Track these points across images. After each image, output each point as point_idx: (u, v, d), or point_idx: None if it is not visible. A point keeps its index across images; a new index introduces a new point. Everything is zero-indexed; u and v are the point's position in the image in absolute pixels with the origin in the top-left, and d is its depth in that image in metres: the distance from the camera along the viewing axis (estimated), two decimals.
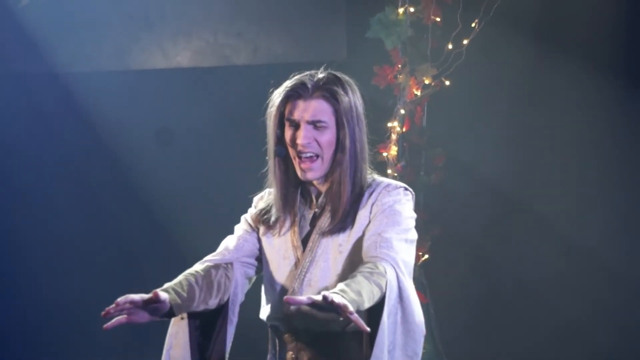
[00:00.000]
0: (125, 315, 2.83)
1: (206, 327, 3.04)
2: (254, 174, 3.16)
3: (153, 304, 2.83)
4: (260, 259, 3.12)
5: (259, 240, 3.12)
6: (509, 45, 5.40)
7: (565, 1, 5.43)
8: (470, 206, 5.21)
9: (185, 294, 2.95)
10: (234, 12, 5.87)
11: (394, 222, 2.93)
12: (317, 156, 2.93)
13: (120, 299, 2.78)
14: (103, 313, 2.81)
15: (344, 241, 2.94)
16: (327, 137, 2.93)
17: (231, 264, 3.10)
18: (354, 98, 2.96)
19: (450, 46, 5.34)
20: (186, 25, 5.90)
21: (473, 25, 5.29)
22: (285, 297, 2.55)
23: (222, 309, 3.04)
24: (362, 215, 2.98)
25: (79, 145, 5.97)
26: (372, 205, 2.97)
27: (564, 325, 5.54)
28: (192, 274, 2.99)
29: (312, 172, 2.94)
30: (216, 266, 3.08)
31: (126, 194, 5.91)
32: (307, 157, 2.92)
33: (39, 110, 5.90)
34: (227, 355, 3.08)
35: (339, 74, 2.97)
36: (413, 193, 2.97)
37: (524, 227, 5.34)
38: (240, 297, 3.11)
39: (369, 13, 5.41)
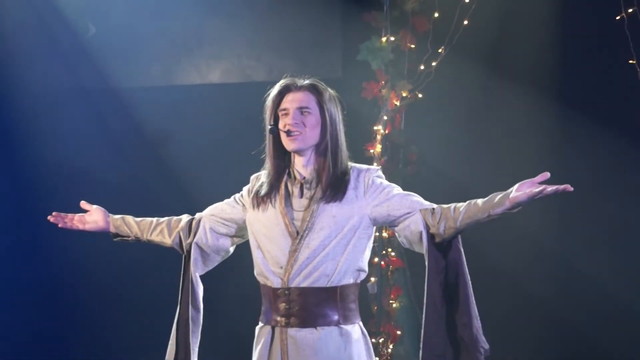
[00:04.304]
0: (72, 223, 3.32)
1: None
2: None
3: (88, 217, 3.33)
4: (236, 223, 3.28)
5: (244, 211, 3.26)
6: (468, 66, 5.56)
7: (513, 35, 5.57)
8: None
9: (134, 222, 3.36)
10: (255, 40, 6.02)
11: (399, 189, 3.16)
12: (301, 133, 3.13)
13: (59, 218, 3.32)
14: (52, 218, 3.33)
15: (338, 213, 3.11)
16: (311, 120, 3.13)
17: (198, 219, 3.36)
18: (332, 95, 3.19)
19: (422, 67, 5.58)
20: (217, 49, 6.04)
21: (440, 50, 5.54)
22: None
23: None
24: (356, 195, 3.14)
25: (129, 149, 6.07)
26: (367, 188, 3.14)
27: (528, 302, 5.61)
28: (152, 218, 3.38)
29: (297, 142, 3.12)
30: (178, 218, 3.39)
31: (171, 197, 5.91)
32: (293, 135, 3.13)
33: (99, 119, 6.04)
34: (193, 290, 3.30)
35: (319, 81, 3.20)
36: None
37: None
38: (205, 241, 3.29)
39: (359, 41, 5.64)
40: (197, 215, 3.38)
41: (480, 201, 3.01)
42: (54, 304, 6.18)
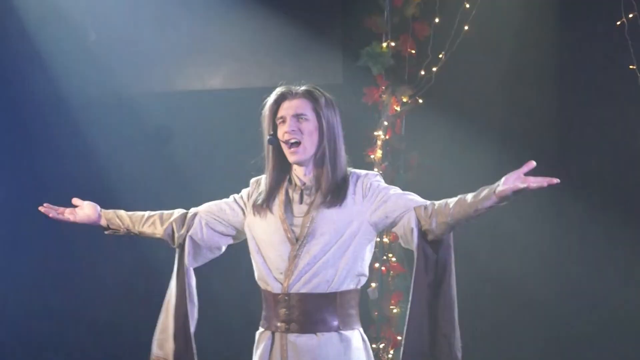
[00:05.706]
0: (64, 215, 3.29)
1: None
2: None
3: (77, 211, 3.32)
4: (234, 226, 3.31)
5: (243, 216, 3.30)
6: (469, 71, 5.59)
7: (514, 39, 5.56)
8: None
9: (126, 215, 3.37)
10: (255, 46, 6.03)
11: (396, 190, 3.19)
12: (300, 143, 3.16)
13: (51, 211, 3.29)
14: (43, 209, 3.30)
15: (338, 219, 3.15)
16: (309, 127, 3.17)
17: (193, 214, 3.38)
18: (329, 100, 3.23)
19: (422, 72, 5.62)
20: (218, 55, 6.06)
21: (440, 56, 5.58)
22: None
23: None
24: (355, 201, 3.17)
25: (130, 155, 6.04)
26: (365, 193, 3.16)
27: (530, 304, 5.57)
28: (144, 212, 3.40)
29: (298, 154, 3.17)
30: (170, 212, 3.41)
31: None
32: (292, 144, 3.16)
33: (100, 124, 6.02)
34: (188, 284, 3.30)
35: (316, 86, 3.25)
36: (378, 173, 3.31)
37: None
38: (200, 236, 3.30)
39: (359, 46, 5.68)
40: (192, 209, 3.40)
41: (470, 195, 3.02)
42: (60, 306, 6.22)
